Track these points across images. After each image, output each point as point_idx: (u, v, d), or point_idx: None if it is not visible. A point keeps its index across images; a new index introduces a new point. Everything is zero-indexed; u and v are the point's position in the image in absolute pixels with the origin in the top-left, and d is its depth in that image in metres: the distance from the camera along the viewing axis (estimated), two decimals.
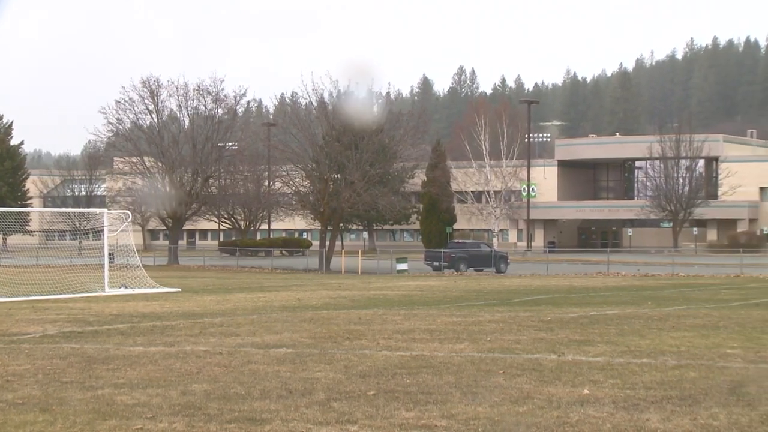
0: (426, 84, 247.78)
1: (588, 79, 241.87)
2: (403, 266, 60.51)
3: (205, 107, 79.40)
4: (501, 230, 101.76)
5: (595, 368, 14.64)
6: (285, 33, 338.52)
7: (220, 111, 79.67)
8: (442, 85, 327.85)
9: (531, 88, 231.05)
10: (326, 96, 70.92)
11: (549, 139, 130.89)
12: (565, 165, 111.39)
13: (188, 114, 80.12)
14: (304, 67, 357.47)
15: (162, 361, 15.81)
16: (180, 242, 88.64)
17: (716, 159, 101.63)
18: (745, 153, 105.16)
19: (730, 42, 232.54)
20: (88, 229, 75.49)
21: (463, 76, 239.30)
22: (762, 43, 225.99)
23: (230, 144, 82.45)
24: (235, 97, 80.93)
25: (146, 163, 77.74)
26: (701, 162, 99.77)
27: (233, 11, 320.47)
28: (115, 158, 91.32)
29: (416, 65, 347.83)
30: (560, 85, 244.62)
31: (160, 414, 11.34)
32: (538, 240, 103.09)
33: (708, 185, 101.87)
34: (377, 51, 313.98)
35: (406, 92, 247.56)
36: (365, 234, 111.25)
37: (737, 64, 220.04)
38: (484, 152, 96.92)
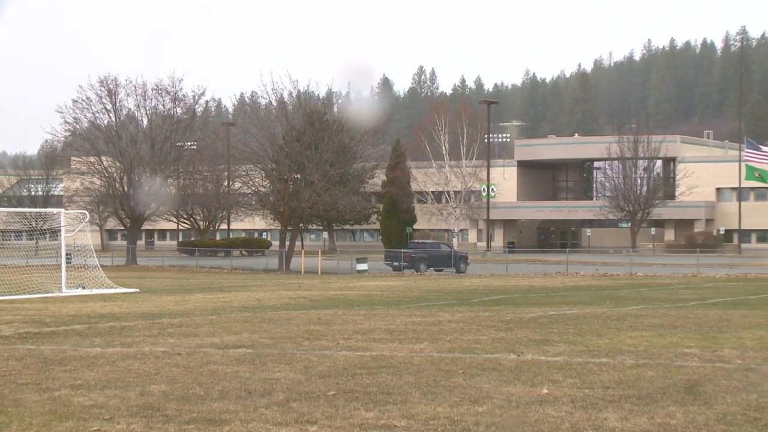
0: (386, 84, 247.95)
1: (547, 80, 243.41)
2: (363, 266, 60.49)
3: (164, 107, 79.04)
4: (461, 230, 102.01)
5: (554, 368, 14.70)
6: (244, 33, 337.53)
7: (178, 110, 79.34)
8: (402, 86, 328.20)
9: (490, 89, 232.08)
10: (286, 96, 70.82)
11: (508, 140, 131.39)
12: (524, 165, 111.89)
13: (147, 113, 79.76)
14: (264, 67, 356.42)
15: (120, 362, 15.68)
16: (138, 242, 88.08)
17: (674, 160, 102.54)
18: (701, 154, 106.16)
19: (687, 44, 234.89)
20: (45, 230, 74.94)
21: (423, 77, 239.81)
22: (718, 45, 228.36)
23: (189, 144, 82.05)
24: (194, 97, 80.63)
25: (104, 163, 77.16)
26: (659, 162, 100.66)
27: (191, 11, 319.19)
28: (72, 158, 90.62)
29: (376, 65, 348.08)
30: (519, 85, 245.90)
31: (118, 415, 11.25)
32: (497, 240, 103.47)
33: (665, 186, 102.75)
34: (337, 51, 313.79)
35: (366, 92, 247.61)
36: (325, 234, 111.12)
37: (694, 66, 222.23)
38: (444, 152, 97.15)
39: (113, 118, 77.79)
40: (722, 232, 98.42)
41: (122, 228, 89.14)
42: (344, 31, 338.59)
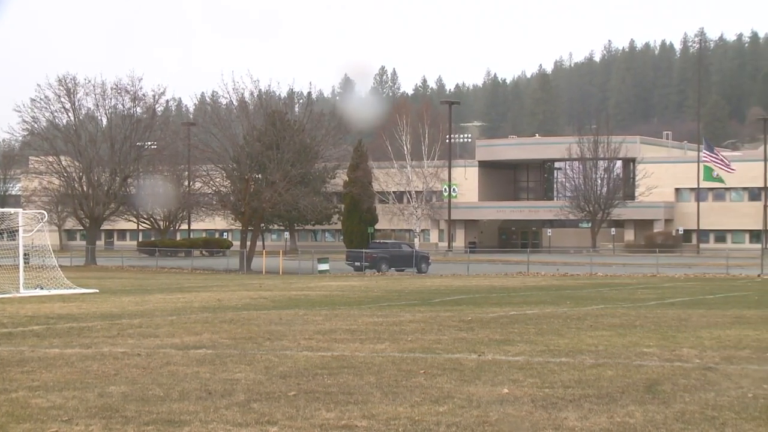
0: (347, 84, 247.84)
1: (508, 81, 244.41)
2: (324, 266, 60.40)
3: (123, 106, 78.53)
4: (422, 230, 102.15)
5: (514, 367, 14.75)
6: (205, 32, 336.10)
7: (138, 110, 78.84)
8: (363, 86, 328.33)
9: (452, 89, 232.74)
10: (247, 95, 70.60)
11: (470, 140, 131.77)
12: (485, 165, 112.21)
13: (106, 113, 79.26)
14: (225, 67, 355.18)
15: (79, 363, 15.55)
16: (98, 242, 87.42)
17: (633, 160, 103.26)
18: (661, 154, 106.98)
19: (647, 45, 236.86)
20: (2, 230, 74.05)
21: (384, 77, 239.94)
22: (677, 47, 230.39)
23: (149, 143, 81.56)
24: (154, 96, 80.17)
25: (63, 163, 76.55)
26: (619, 163, 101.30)
27: (150, 10, 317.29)
28: (30, 157, 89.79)
29: (338, 65, 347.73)
30: (481, 86, 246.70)
31: (76, 417, 11.15)
32: (459, 240, 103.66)
33: (625, 186, 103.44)
34: (299, 51, 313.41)
35: (327, 92, 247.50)
36: (286, 234, 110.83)
37: (653, 67, 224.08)
38: (405, 153, 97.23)
39: (72, 118, 77.24)
40: (681, 233, 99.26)
41: (81, 228, 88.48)
42: (308, 32, 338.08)
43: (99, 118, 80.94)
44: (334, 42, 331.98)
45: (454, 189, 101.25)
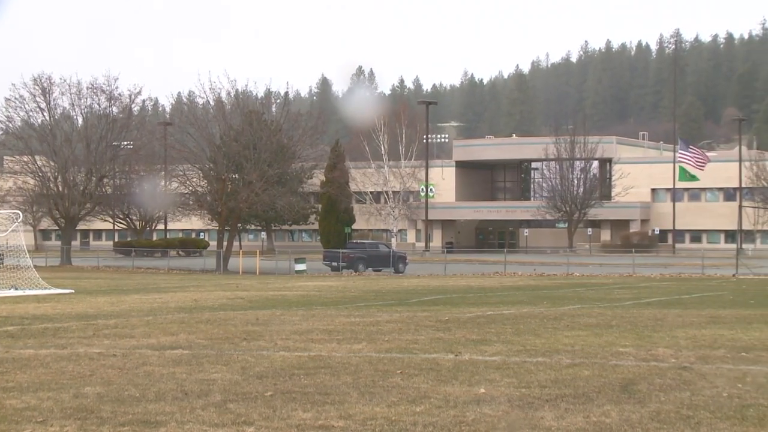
0: (325, 84, 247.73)
1: (485, 81, 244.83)
2: (301, 267, 60.31)
3: (99, 106, 78.15)
4: (399, 230, 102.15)
5: (491, 367, 14.77)
6: (181, 32, 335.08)
7: (114, 109, 78.49)
8: (340, 86, 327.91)
9: (429, 89, 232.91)
10: (224, 95, 70.44)
11: (447, 140, 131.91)
12: (462, 166, 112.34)
13: (82, 112, 78.83)
14: (202, 66, 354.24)
15: (53, 364, 15.46)
16: (73, 243, 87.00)
17: (610, 160, 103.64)
18: (637, 155, 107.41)
19: (623, 46, 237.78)
20: None
21: (361, 77, 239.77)
22: (653, 48, 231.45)
23: (125, 143, 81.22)
24: (130, 96, 79.83)
25: (38, 162, 76.12)
26: (595, 163, 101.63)
27: (126, 9, 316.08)
28: (5, 157, 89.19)
29: (315, 65, 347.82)
30: (458, 86, 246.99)
31: (51, 418, 11.09)
32: (436, 240, 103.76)
33: (602, 186, 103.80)
34: (277, 51, 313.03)
35: (304, 92, 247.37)
36: (263, 234, 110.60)
37: (630, 68, 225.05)
38: (382, 153, 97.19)
39: (47, 117, 76.79)
40: (657, 233, 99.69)
41: (57, 228, 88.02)
42: (286, 32, 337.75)
43: (74, 117, 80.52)
44: (312, 42, 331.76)
45: (431, 189, 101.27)
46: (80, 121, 79.48)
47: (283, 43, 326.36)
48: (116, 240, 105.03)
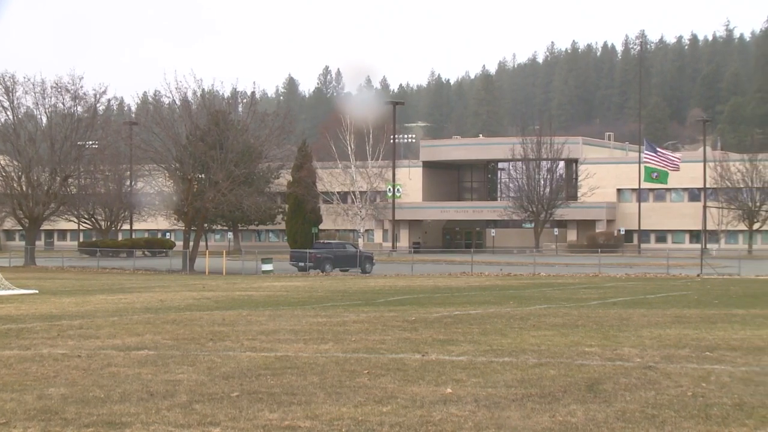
0: (291, 84, 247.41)
1: (452, 81, 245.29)
2: (268, 267, 60.16)
3: (64, 105, 77.52)
4: (366, 231, 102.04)
5: (458, 367, 14.79)
6: (147, 31, 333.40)
7: (79, 109, 77.88)
8: (307, 86, 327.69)
9: (396, 89, 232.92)
10: (190, 95, 70.13)
11: (414, 141, 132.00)
12: (429, 166, 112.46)
13: (46, 112, 78.16)
14: (167, 66, 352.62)
15: (17, 365, 15.33)
16: (37, 243, 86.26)
17: (576, 161, 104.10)
18: (603, 155, 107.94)
19: (589, 46, 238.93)
20: None
21: (328, 77, 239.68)
22: (618, 49, 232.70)
23: (90, 143, 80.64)
24: (95, 95, 79.22)
25: (1, 162, 75.43)
26: (561, 164, 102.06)
27: (91, 8, 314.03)
28: None
29: (281, 65, 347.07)
30: (425, 86, 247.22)
31: (14, 419, 10.99)
32: (403, 240, 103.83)
33: (568, 186, 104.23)
34: (243, 51, 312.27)
35: (271, 92, 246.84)
36: (230, 234, 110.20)
37: (596, 69, 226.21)
38: (349, 153, 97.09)
39: (11, 116, 76.11)
40: (623, 233, 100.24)
41: (20, 228, 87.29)
42: (247, 30, 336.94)
43: (38, 116, 79.87)
44: (279, 42, 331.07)
45: (398, 189, 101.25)
46: (44, 120, 78.85)
47: (250, 43, 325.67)
48: (81, 240, 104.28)
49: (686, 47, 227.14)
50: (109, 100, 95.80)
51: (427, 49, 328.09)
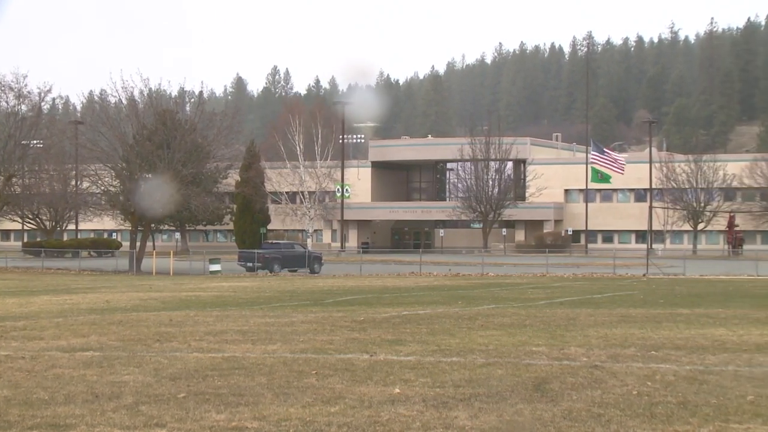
0: (240, 83, 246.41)
1: (401, 82, 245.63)
2: (216, 267, 59.87)
3: (7, 103, 76.48)
4: (315, 231, 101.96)
5: (406, 367, 14.80)
6: (93, 30, 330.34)
7: (23, 107, 76.90)
8: (256, 85, 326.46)
9: (345, 90, 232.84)
10: (136, 94, 69.51)
11: (363, 141, 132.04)
12: (378, 166, 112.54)
13: None
14: (114, 65, 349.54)
15: None
16: None
17: (524, 161, 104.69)
18: (550, 156, 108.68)
19: (537, 48, 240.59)
20: None
21: (277, 76, 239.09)
22: (566, 50, 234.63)
23: (35, 142, 79.65)
24: (40, 94, 78.27)
25: None
26: (510, 164, 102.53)
27: (36, 6, 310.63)
28: None
29: (229, 64, 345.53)
30: (374, 86, 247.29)
31: None
32: (352, 240, 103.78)
33: (516, 187, 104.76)
34: (190, 49, 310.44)
35: (219, 92, 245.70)
36: (177, 235, 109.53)
37: (543, 70, 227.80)
38: (298, 153, 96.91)
39: None
40: (570, 233, 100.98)
41: None
42: (194, 28, 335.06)
43: None
44: (227, 42, 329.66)
45: (347, 189, 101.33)
46: None
47: (198, 43, 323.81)
48: (25, 240, 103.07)
49: (632, 49, 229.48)
50: (54, 99, 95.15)
51: (376, 49, 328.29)
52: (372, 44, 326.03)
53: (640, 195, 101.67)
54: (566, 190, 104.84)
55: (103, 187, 71.57)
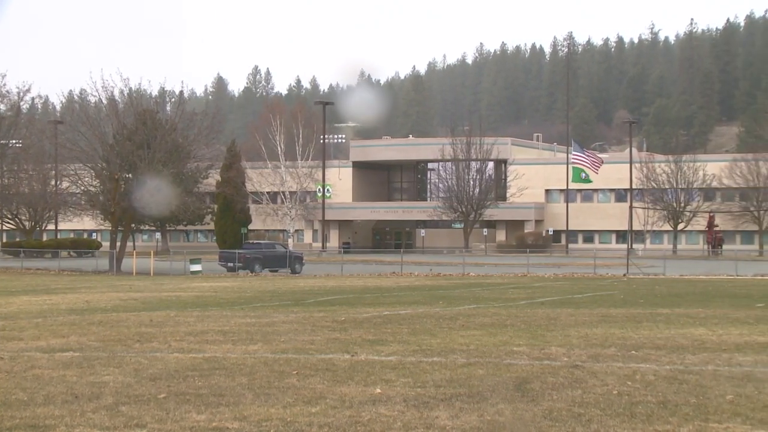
0: (220, 83, 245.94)
1: (382, 82, 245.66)
2: (196, 267, 59.73)
3: None
4: (296, 231, 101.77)
5: (387, 367, 14.80)
6: (73, 30, 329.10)
7: (2, 107, 76.60)
8: (237, 85, 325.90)
9: (326, 89, 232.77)
10: (117, 94, 69.27)
11: (344, 141, 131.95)
12: (359, 166, 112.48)
13: None
14: (94, 65, 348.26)
15: None
16: None
17: (505, 161, 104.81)
18: (531, 156, 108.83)
19: (518, 48, 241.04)
20: None
21: (258, 76, 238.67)
22: (547, 50, 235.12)
23: (14, 141, 79.28)
24: (19, 93, 78.03)
25: None
26: (491, 164, 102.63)
27: (14, 5, 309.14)
28: None
29: (210, 64, 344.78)
30: (355, 86, 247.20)
31: None
32: (333, 241, 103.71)
33: (497, 187, 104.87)
34: (172, 49, 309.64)
35: (200, 91, 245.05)
36: (158, 235, 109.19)
37: (524, 70, 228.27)
38: (279, 153, 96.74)
39: None
40: (551, 233, 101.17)
41: None
42: (177, 28, 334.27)
43: None
44: (208, 42, 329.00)
45: (328, 189, 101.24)
46: None
47: (179, 42, 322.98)
48: (4, 240, 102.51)
49: (613, 49, 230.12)
50: (33, 99, 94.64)
51: (357, 49, 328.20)
52: (352, 44, 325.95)
53: (620, 195, 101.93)
54: (547, 191, 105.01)
55: (83, 187, 71.30)
